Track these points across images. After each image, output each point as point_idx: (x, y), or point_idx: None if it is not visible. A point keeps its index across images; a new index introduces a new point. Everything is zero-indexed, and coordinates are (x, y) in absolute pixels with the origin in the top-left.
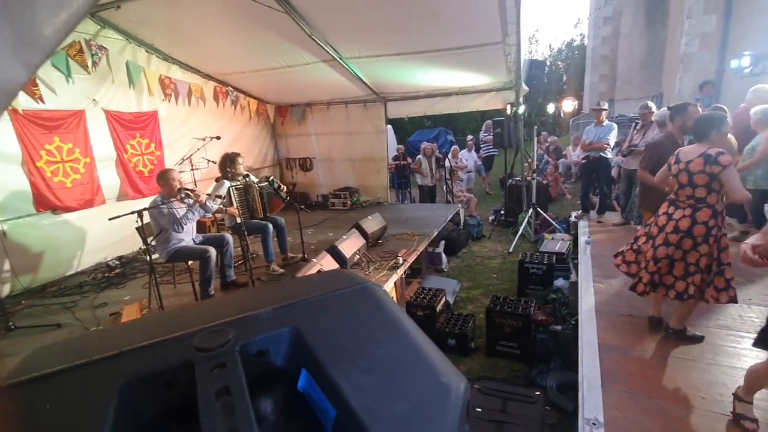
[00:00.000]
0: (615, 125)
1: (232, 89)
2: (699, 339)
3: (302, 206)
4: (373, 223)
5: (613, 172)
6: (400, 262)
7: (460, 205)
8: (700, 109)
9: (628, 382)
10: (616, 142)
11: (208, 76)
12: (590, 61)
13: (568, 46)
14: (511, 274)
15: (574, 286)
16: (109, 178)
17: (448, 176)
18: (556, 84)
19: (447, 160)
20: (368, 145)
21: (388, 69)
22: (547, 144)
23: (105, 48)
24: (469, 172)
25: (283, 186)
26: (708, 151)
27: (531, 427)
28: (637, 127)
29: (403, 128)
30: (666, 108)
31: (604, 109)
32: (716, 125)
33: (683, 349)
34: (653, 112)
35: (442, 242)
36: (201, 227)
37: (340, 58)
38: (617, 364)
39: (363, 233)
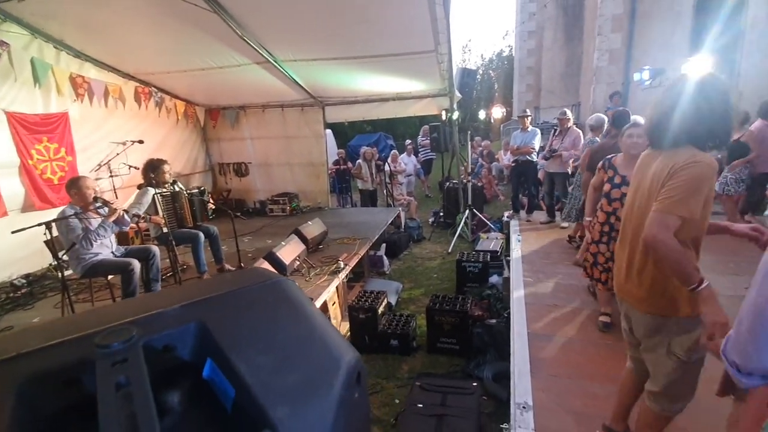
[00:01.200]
0: (538, 131)
1: (155, 90)
2: None
3: (238, 213)
4: (313, 228)
5: (540, 174)
6: (342, 266)
7: (400, 209)
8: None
9: (554, 367)
10: (541, 147)
11: (128, 76)
12: (517, 71)
13: (499, 57)
14: (451, 273)
15: (507, 281)
16: (12, 187)
17: (388, 180)
18: (489, 92)
19: (387, 164)
20: (307, 149)
21: (325, 73)
22: (481, 148)
23: (6, 43)
24: (409, 175)
25: (211, 203)
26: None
27: (469, 417)
28: (556, 133)
29: (343, 133)
30: (601, 114)
31: (529, 116)
32: None
33: (601, 335)
34: (569, 119)
35: (384, 245)
36: (124, 239)
37: (275, 61)
38: (544, 351)
39: (303, 239)
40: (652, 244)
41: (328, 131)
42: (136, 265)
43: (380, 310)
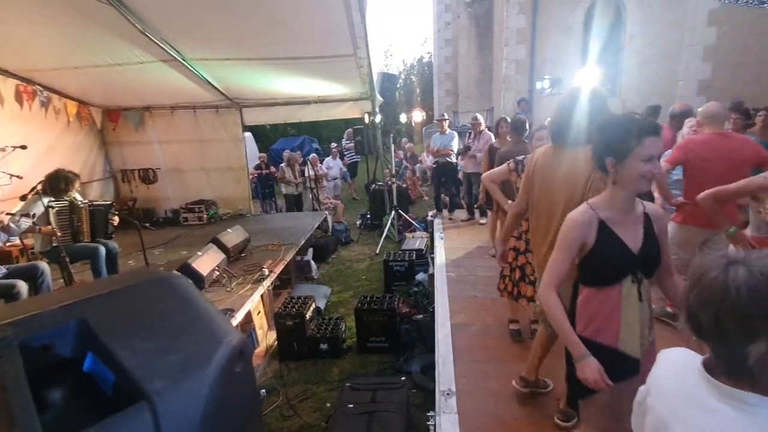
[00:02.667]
0: (456, 134)
1: (41, 89)
2: None
3: (146, 224)
4: (233, 236)
5: (460, 175)
6: (266, 273)
7: (327, 212)
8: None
9: (474, 353)
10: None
11: (7, 72)
12: (436, 77)
13: (419, 62)
14: (379, 274)
15: (432, 277)
16: None
17: (312, 184)
18: (412, 96)
19: (306, 168)
20: (224, 153)
21: (241, 74)
22: (405, 151)
23: None
24: (335, 179)
25: (115, 219)
26: None
27: (398, 411)
28: (471, 136)
29: (265, 136)
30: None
31: (446, 120)
32: None
33: None
34: (481, 123)
35: (311, 250)
36: (6, 258)
37: (183, 59)
38: (465, 340)
39: (222, 247)
40: None
41: (248, 134)
42: (22, 287)
43: (308, 315)
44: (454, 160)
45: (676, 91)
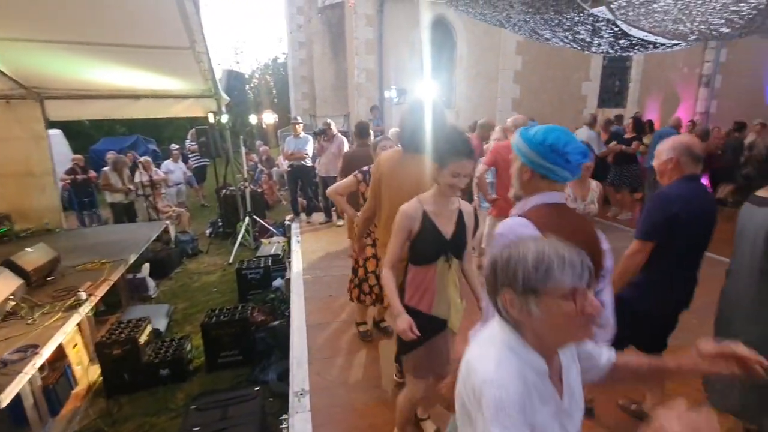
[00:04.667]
0: (310, 137)
1: None
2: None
3: None
4: (35, 257)
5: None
6: (83, 298)
7: (168, 222)
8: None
9: (329, 350)
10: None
11: None
12: (292, 79)
13: (275, 62)
14: (233, 285)
15: (289, 282)
16: None
17: (147, 191)
18: (267, 96)
19: (138, 172)
20: (22, 155)
21: (42, 58)
22: (260, 154)
23: None
24: (178, 184)
25: None
26: None
27: (251, 422)
28: (325, 139)
29: (85, 134)
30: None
31: (300, 123)
32: None
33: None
34: (332, 128)
35: (147, 265)
36: None
37: None
38: (321, 338)
39: (19, 271)
40: None
41: (55, 132)
42: None
43: (143, 339)
44: (309, 163)
45: (497, 107)
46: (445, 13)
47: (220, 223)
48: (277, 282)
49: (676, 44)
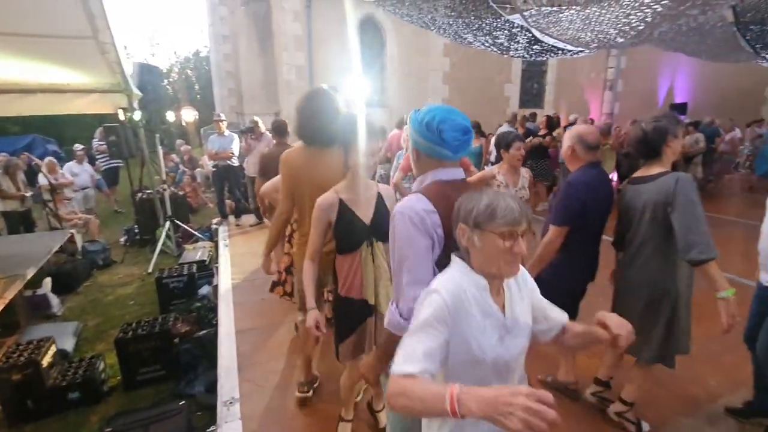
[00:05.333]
0: (236, 135)
1: None
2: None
3: None
4: None
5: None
6: None
7: (74, 231)
8: None
9: (260, 355)
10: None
11: None
12: (216, 74)
13: (196, 56)
14: (153, 296)
15: (217, 288)
16: None
17: (48, 196)
18: (189, 92)
19: (40, 176)
20: None
21: None
22: (182, 154)
23: None
24: (84, 188)
25: None
26: None
27: None
28: (252, 137)
29: None
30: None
31: (223, 120)
32: None
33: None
34: (260, 126)
35: (48, 280)
36: None
37: None
38: (252, 344)
39: None
40: None
41: None
42: None
43: (46, 361)
44: (236, 162)
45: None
46: (375, 13)
47: (137, 230)
48: (204, 289)
49: (581, 51)
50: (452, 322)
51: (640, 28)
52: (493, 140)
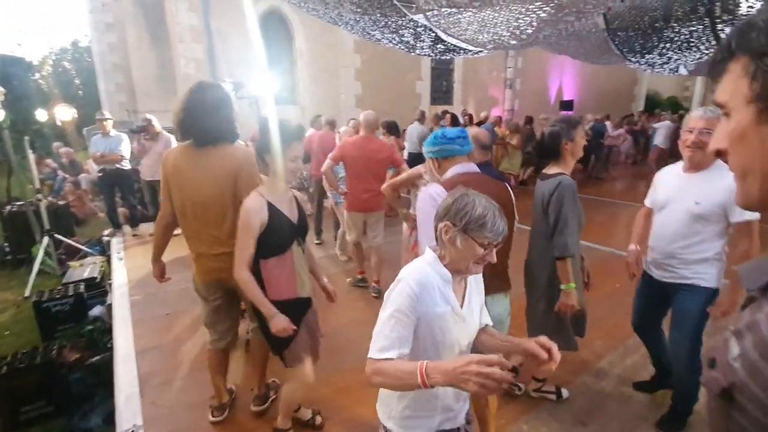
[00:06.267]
0: (125, 135)
1: None
2: None
3: None
4: None
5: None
6: None
7: None
8: None
9: (167, 373)
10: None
11: None
12: (101, 67)
13: (75, 46)
14: (32, 323)
15: (111, 307)
16: None
17: None
18: (68, 88)
19: None
20: None
21: None
22: (61, 157)
23: None
24: None
25: None
26: None
27: None
28: (146, 137)
29: None
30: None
31: (107, 119)
32: None
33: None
34: (155, 125)
35: None
36: None
37: None
38: (156, 363)
39: None
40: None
41: None
42: None
43: None
44: (127, 165)
45: (341, 103)
46: (280, 6)
47: (8, 249)
48: (96, 310)
49: (480, 51)
50: (420, 308)
51: (528, 31)
52: (406, 136)
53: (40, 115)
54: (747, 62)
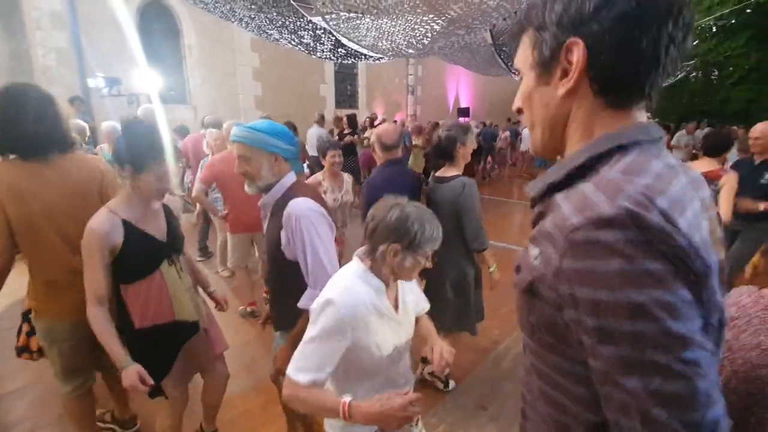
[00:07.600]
0: None
1: None
2: None
3: None
4: None
5: None
6: None
7: None
8: None
9: (32, 419)
10: None
11: None
12: None
13: None
14: None
15: None
16: None
17: None
18: None
19: None
20: None
21: None
22: None
23: None
24: None
25: None
26: None
27: None
28: None
29: None
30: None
31: None
32: None
33: None
34: None
35: None
36: None
37: None
38: (22, 409)
39: None
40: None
41: None
42: None
43: None
44: None
45: (240, 104)
46: None
47: None
48: None
49: (381, 57)
50: (352, 336)
51: (424, 42)
52: (306, 140)
53: None
54: (532, 34)
